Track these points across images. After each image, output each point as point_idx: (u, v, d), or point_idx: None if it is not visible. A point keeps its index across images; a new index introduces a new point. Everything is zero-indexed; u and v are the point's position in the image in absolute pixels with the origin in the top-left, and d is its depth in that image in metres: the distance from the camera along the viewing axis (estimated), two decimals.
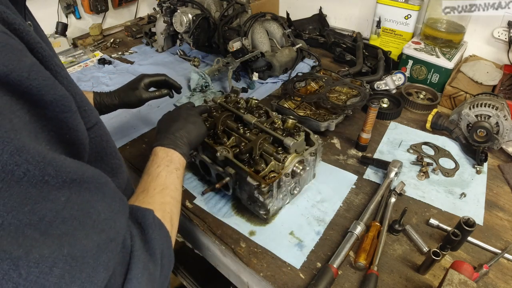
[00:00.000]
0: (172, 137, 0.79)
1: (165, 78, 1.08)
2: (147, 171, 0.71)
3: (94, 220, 0.42)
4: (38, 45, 0.42)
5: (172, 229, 0.62)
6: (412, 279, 0.79)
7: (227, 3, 1.62)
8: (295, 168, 0.89)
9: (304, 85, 1.39)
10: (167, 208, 0.63)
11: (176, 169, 0.73)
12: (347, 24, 1.92)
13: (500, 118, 1.08)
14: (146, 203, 0.61)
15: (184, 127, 0.83)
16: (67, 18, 1.91)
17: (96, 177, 0.44)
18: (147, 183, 0.67)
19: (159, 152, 0.75)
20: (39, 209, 0.35)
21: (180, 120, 0.86)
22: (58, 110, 0.41)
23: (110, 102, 1.02)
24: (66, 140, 0.44)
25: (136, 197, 0.64)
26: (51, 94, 0.40)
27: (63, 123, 0.42)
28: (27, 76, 0.37)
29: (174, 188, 0.69)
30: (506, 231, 0.90)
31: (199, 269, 1.56)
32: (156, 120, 1.27)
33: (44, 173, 0.36)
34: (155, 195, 0.64)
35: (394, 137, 1.21)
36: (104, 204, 0.44)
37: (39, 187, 0.36)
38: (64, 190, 0.38)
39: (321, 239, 0.88)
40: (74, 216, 0.39)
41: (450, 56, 1.41)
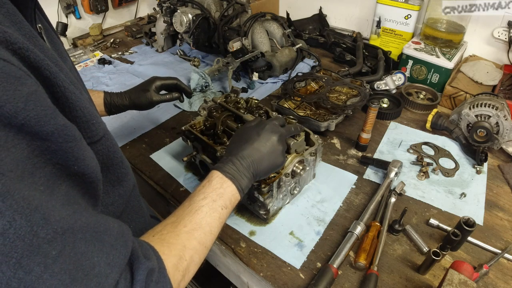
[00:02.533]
0: (237, 164, 0.68)
1: (176, 82, 1.07)
2: (191, 198, 0.63)
3: (86, 274, 0.39)
4: (44, 63, 0.40)
5: (182, 280, 0.54)
6: (412, 279, 0.79)
7: (227, 3, 1.62)
8: (295, 168, 0.89)
9: (304, 85, 1.39)
10: (187, 255, 0.55)
11: (222, 207, 0.64)
12: (347, 24, 1.92)
13: (500, 118, 1.08)
14: (166, 241, 0.55)
15: (257, 154, 0.71)
16: (67, 18, 1.91)
17: (93, 224, 0.41)
18: (183, 214, 0.60)
19: (214, 180, 0.66)
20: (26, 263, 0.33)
21: (255, 143, 0.72)
22: (61, 140, 0.38)
23: (120, 102, 1.02)
24: (75, 172, 0.41)
25: (163, 226, 0.57)
26: (51, 124, 0.37)
27: (69, 154, 0.40)
28: (24, 106, 0.34)
29: (208, 231, 0.60)
30: (506, 231, 0.90)
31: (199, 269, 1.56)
32: (157, 120, 1.30)
33: (32, 222, 0.33)
34: (182, 234, 0.57)
35: (394, 137, 1.21)
36: (102, 254, 0.41)
37: (28, 240, 0.33)
38: (55, 243, 0.36)
39: (321, 239, 0.88)
40: (64, 270, 0.36)
41: (450, 56, 1.41)
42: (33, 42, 0.45)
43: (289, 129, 0.81)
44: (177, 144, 1.20)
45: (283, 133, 0.77)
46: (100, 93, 1.02)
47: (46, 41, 0.56)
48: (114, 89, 1.50)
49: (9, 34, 0.37)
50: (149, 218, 0.79)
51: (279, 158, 0.75)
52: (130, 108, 1.05)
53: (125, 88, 1.49)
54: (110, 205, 0.60)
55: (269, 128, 0.75)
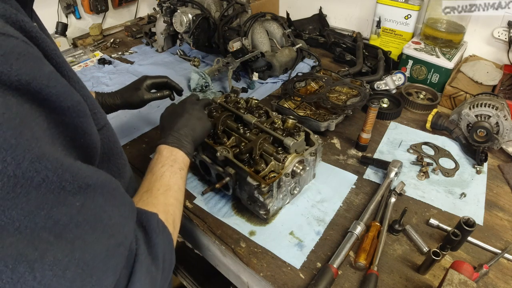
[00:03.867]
0: (177, 135, 0.78)
1: (167, 80, 1.08)
2: (151, 169, 0.70)
3: (105, 224, 0.42)
4: (53, 52, 0.43)
5: (174, 231, 0.62)
6: (412, 279, 0.79)
7: (227, 3, 1.62)
8: (295, 168, 0.89)
9: (304, 85, 1.39)
10: (170, 210, 0.63)
11: (180, 169, 0.72)
12: (347, 24, 1.92)
13: (500, 118, 1.08)
14: (150, 204, 0.62)
15: (189, 124, 0.83)
16: (67, 18, 1.91)
17: (109, 182, 0.45)
18: (151, 182, 0.67)
19: (164, 151, 0.74)
20: (54, 213, 0.36)
21: (184, 115, 0.84)
22: (74, 115, 0.42)
23: (112, 102, 1.03)
24: (81, 145, 0.45)
25: (140, 197, 0.64)
26: (68, 100, 0.41)
27: (79, 128, 0.44)
28: (47, 84, 0.38)
29: (178, 189, 0.69)
30: (506, 231, 0.90)
31: (199, 269, 1.56)
32: (156, 120, 1.29)
33: (62, 179, 0.37)
34: (159, 196, 0.64)
35: (394, 137, 1.21)
36: (115, 209, 0.45)
37: (57, 193, 0.37)
38: (79, 196, 0.39)
39: (321, 239, 0.88)
40: (87, 221, 0.40)
41: (450, 56, 1.41)
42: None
43: (204, 101, 0.97)
44: None
45: (201, 104, 0.93)
46: (92, 93, 1.02)
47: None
48: (114, 89, 1.48)
49: (25, 23, 0.40)
50: None
51: (207, 122, 0.88)
52: (122, 107, 1.05)
53: None
54: None
55: (189, 102, 0.91)
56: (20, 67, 0.35)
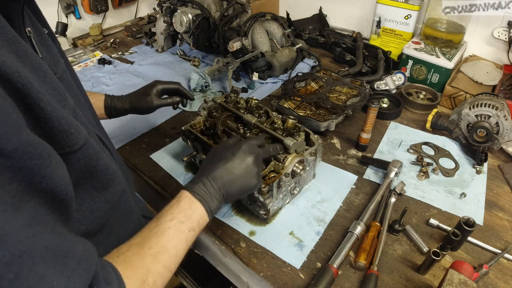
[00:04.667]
0: (208, 185, 0.67)
1: (178, 87, 1.06)
2: (158, 218, 0.61)
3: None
4: (15, 75, 0.39)
5: None
6: (412, 279, 0.79)
7: (227, 3, 1.62)
8: (295, 168, 0.89)
9: (304, 85, 1.39)
10: (150, 280, 0.53)
11: (189, 229, 0.62)
12: (347, 24, 1.92)
13: (500, 118, 1.08)
14: (130, 264, 0.53)
15: (229, 176, 0.69)
16: (67, 18, 1.91)
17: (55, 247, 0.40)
18: (149, 235, 0.58)
19: (183, 201, 0.64)
20: None
21: (228, 163, 0.70)
22: (25, 157, 0.37)
23: (120, 106, 1.02)
24: (42, 189, 0.40)
25: (128, 247, 0.56)
26: (14, 141, 0.36)
27: (35, 172, 0.38)
28: None
29: (174, 255, 0.59)
30: (506, 231, 0.90)
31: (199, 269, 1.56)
32: (156, 120, 1.30)
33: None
34: (146, 258, 0.55)
35: (394, 137, 1.21)
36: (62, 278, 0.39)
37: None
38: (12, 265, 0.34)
39: (321, 239, 0.88)
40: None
41: (450, 56, 1.41)
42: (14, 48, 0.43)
43: (267, 150, 0.80)
44: (177, 144, 1.20)
45: (259, 154, 0.75)
46: (101, 95, 1.01)
47: (36, 45, 0.54)
48: (114, 89, 1.50)
49: None
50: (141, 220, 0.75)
51: (253, 180, 0.72)
52: (131, 112, 1.05)
53: (125, 88, 1.51)
54: (96, 210, 0.58)
55: (245, 148, 0.73)
56: None
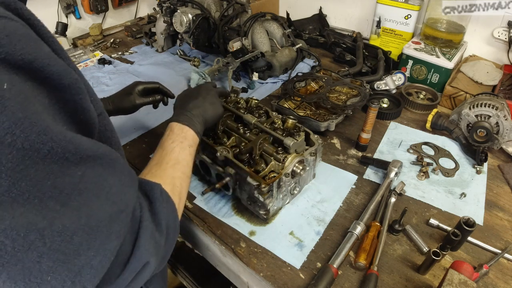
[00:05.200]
0: (189, 115, 0.82)
1: (158, 85, 1.11)
2: (162, 145, 0.74)
3: (107, 192, 0.45)
4: (50, 39, 0.45)
5: (180, 202, 0.66)
6: (412, 279, 0.79)
7: (227, 3, 1.62)
8: (295, 168, 0.89)
9: (304, 85, 1.39)
10: (177, 183, 0.67)
11: (189, 146, 0.75)
12: (347, 24, 1.92)
13: (500, 118, 1.08)
14: (158, 176, 0.65)
15: (202, 106, 0.86)
16: (67, 18, 1.91)
17: (108, 153, 0.48)
18: (161, 156, 0.71)
19: (175, 128, 0.78)
20: (59, 183, 0.39)
21: (198, 98, 0.88)
22: (74, 92, 0.44)
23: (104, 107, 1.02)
24: (80, 121, 0.47)
25: (149, 169, 0.68)
26: (68, 78, 0.43)
27: (78, 105, 0.46)
28: (48, 62, 0.40)
29: (186, 164, 0.72)
30: (506, 231, 0.90)
31: (199, 269, 1.56)
32: (157, 120, 1.30)
33: (66, 150, 0.40)
34: (168, 169, 0.68)
35: (394, 137, 1.21)
36: (115, 178, 0.48)
37: (60, 163, 0.39)
38: (80, 166, 0.42)
39: (321, 239, 0.88)
40: (89, 189, 0.43)
41: (450, 56, 1.41)
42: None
43: (220, 89, 1.01)
44: None
45: (216, 90, 0.96)
46: None
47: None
48: (114, 89, 1.50)
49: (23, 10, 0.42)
50: None
51: (219, 107, 0.91)
52: (115, 113, 1.05)
53: None
54: None
55: (205, 87, 0.94)
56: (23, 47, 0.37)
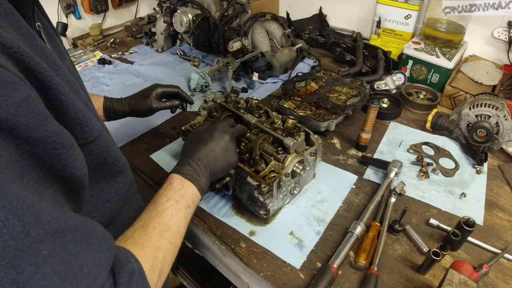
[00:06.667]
0: (194, 166, 0.72)
1: (178, 90, 1.06)
2: (155, 201, 0.65)
3: (75, 275, 0.39)
4: (39, 66, 0.40)
5: (159, 281, 0.56)
6: (412, 279, 0.79)
7: (227, 3, 1.62)
8: (295, 168, 0.89)
9: (304, 85, 1.39)
10: (160, 256, 0.57)
11: (186, 207, 0.66)
12: (347, 24, 1.92)
13: (500, 118, 1.08)
14: (139, 244, 0.56)
15: (212, 155, 0.74)
16: (67, 18, 1.91)
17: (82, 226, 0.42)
18: (150, 217, 0.61)
19: (174, 182, 0.68)
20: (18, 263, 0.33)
21: (209, 144, 0.76)
22: (49, 147, 0.39)
23: (120, 108, 1.01)
24: (61, 177, 0.42)
25: (133, 231, 0.59)
26: (40, 130, 0.38)
27: (56, 160, 0.40)
28: (15, 113, 0.35)
29: (177, 231, 0.62)
30: (506, 231, 0.90)
31: (199, 269, 1.56)
32: (156, 120, 1.30)
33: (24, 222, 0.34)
34: (153, 237, 0.58)
35: (394, 137, 1.21)
36: (90, 256, 0.42)
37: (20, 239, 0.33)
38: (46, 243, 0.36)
39: (321, 239, 0.88)
40: (55, 271, 0.37)
41: (450, 56, 1.41)
42: (30, 42, 0.45)
43: (238, 129, 0.87)
44: (177, 144, 1.20)
45: (233, 133, 0.82)
46: (100, 97, 1.01)
47: (45, 40, 0.56)
48: (114, 89, 1.50)
49: (4, 38, 0.37)
50: None
51: (233, 156, 0.79)
52: (130, 114, 1.04)
53: (125, 88, 1.51)
54: (106, 202, 0.61)
55: (220, 129, 0.80)
56: None
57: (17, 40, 0.39)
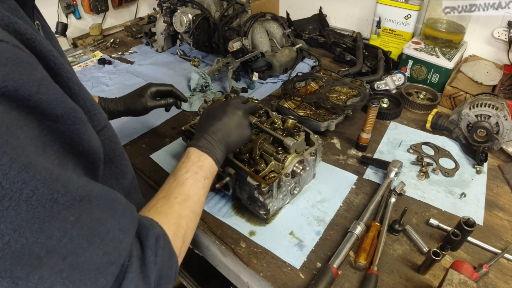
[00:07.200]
0: (209, 139, 0.73)
1: (172, 89, 1.08)
2: (175, 174, 0.67)
3: (102, 239, 0.41)
4: (50, 54, 0.42)
5: (183, 246, 0.59)
6: (412, 279, 0.79)
7: (227, 3, 1.62)
8: (295, 168, 0.89)
9: (304, 85, 1.39)
10: (183, 223, 0.60)
11: (204, 177, 0.68)
12: (347, 24, 1.92)
13: (500, 118, 1.08)
14: (162, 213, 0.59)
15: (225, 129, 0.76)
16: (67, 18, 1.91)
17: (106, 193, 0.44)
18: (171, 188, 0.64)
19: (192, 155, 0.70)
20: (47, 228, 0.35)
21: (223, 118, 0.78)
22: (69, 122, 0.41)
23: (115, 108, 1.02)
24: (80, 152, 0.44)
25: (155, 202, 0.61)
26: (61, 107, 0.40)
27: (75, 135, 0.42)
28: (37, 90, 0.37)
29: (197, 200, 0.65)
30: (506, 231, 0.90)
31: (199, 269, 1.56)
32: (156, 120, 1.30)
33: (53, 190, 0.36)
34: (175, 205, 0.61)
35: (394, 137, 1.21)
36: (114, 221, 0.44)
37: (49, 206, 0.35)
38: (73, 209, 0.38)
39: (321, 239, 0.88)
40: (82, 235, 0.39)
41: (450, 56, 1.41)
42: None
43: (250, 105, 0.87)
44: (177, 144, 1.20)
45: (246, 109, 0.84)
46: (95, 98, 1.01)
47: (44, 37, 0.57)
48: (114, 89, 1.50)
49: (19, 25, 0.39)
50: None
51: (246, 130, 0.81)
52: (125, 114, 1.04)
53: (125, 88, 1.51)
54: None
55: (233, 104, 0.82)
56: (8, 72, 0.34)
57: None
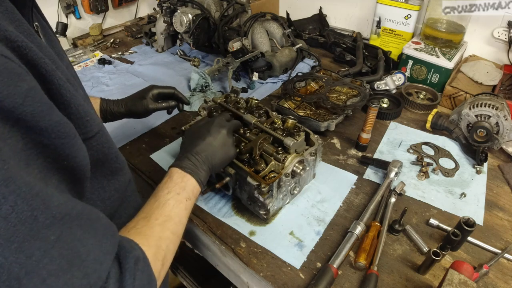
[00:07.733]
0: (193, 160, 0.73)
1: (174, 91, 1.07)
2: (156, 194, 0.66)
3: (82, 260, 0.40)
4: (41, 61, 0.41)
5: (162, 269, 0.57)
6: (412, 279, 0.79)
7: (227, 3, 1.62)
8: (295, 168, 0.89)
9: (304, 85, 1.39)
10: (163, 244, 0.58)
11: (187, 198, 0.67)
12: (347, 24, 1.92)
13: (500, 118, 1.08)
14: (142, 234, 0.57)
15: (209, 149, 0.76)
16: (67, 18, 1.91)
17: (88, 212, 0.43)
18: (152, 209, 0.62)
19: (174, 175, 0.69)
20: (27, 247, 0.34)
21: (207, 139, 0.77)
22: (54, 136, 0.40)
23: (116, 110, 1.02)
24: (64, 167, 0.43)
25: (136, 222, 0.60)
26: (46, 120, 0.39)
27: (60, 150, 0.41)
28: (21, 102, 0.36)
29: (178, 221, 0.64)
30: (506, 231, 0.90)
31: (199, 269, 1.56)
32: (156, 120, 1.30)
33: (33, 207, 0.34)
34: (155, 227, 0.59)
35: (394, 137, 1.21)
36: (96, 242, 0.42)
37: (28, 224, 0.34)
38: (54, 228, 0.37)
39: (321, 239, 0.88)
40: (63, 256, 0.37)
41: (450, 56, 1.41)
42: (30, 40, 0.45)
43: (234, 123, 0.88)
44: (177, 144, 1.20)
45: (230, 127, 0.83)
46: (97, 99, 1.01)
47: (43, 39, 0.57)
48: (114, 89, 1.50)
49: (9, 32, 0.38)
50: None
51: (231, 150, 0.80)
52: (126, 116, 1.04)
53: (125, 88, 1.51)
54: (107, 199, 0.62)
55: (217, 123, 0.81)
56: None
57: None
